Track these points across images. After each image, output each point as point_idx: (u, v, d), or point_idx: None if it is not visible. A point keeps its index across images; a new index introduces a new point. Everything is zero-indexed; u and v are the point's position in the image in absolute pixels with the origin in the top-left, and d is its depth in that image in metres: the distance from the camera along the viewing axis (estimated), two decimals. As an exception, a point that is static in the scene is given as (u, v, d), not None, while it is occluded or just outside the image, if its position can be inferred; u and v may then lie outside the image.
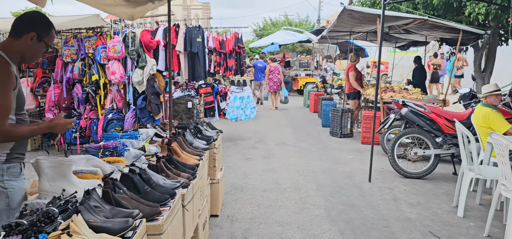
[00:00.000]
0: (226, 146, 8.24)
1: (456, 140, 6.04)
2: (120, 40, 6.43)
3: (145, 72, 6.26)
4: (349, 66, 9.90)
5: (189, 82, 7.45)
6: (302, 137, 9.33)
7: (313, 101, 13.99)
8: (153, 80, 6.48)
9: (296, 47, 29.81)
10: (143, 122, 6.34)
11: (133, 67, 6.45)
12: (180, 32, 6.85)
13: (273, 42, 20.04)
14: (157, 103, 6.41)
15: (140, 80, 6.29)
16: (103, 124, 6.57)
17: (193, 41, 6.83)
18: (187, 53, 6.92)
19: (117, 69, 6.43)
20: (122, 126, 6.57)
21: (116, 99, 6.81)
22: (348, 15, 8.24)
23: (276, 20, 41.07)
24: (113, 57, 6.40)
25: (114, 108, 6.73)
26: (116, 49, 6.40)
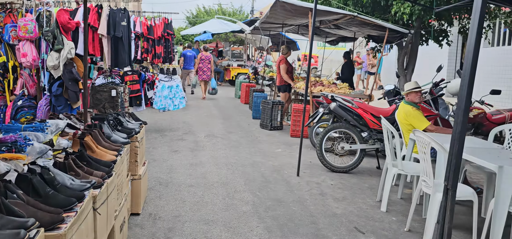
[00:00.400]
0: (152, 138, 7.85)
1: (381, 135, 6.22)
2: (33, 19, 5.77)
3: (62, 56, 5.69)
4: (280, 58, 9.89)
5: (112, 68, 6.94)
6: (232, 129, 9.18)
7: (244, 93, 13.90)
8: (71, 65, 5.92)
9: (229, 37, 29.61)
10: (58, 110, 5.78)
11: (48, 50, 5.85)
12: (103, 14, 6.33)
13: (206, 31, 19.64)
14: (75, 91, 5.87)
15: (56, 64, 5.71)
16: (12, 111, 5.90)
17: (117, 24, 6.35)
18: (111, 38, 6.41)
19: (29, 51, 5.77)
20: (35, 114, 5.94)
21: (27, 85, 6.14)
22: (281, 7, 8.19)
23: (210, 8, 40.53)
24: (25, 37, 5.73)
25: (25, 94, 6.07)
26: (28, 28, 5.74)
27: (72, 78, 5.81)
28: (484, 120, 7.31)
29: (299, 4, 7.91)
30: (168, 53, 8.22)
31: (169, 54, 8.23)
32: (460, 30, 10.35)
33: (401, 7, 8.17)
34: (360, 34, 10.80)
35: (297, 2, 8.01)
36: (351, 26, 9.38)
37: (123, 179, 3.43)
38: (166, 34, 8.08)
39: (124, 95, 6.60)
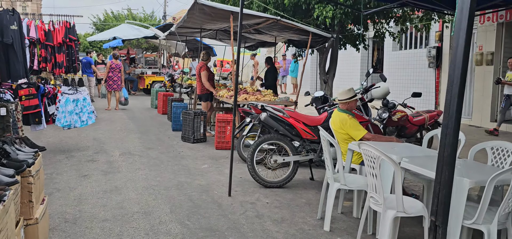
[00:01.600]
0: (56, 161, 6.76)
1: (314, 145, 5.89)
2: None
3: None
4: (200, 65, 9.26)
5: (3, 81, 5.77)
6: (151, 144, 8.33)
7: (161, 102, 13.00)
8: None
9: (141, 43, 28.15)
10: None
11: None
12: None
13: (115, 37, 18.26)
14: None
15: None
16: None
17: (4, 28, 5.26)
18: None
19: None
20: None
21: None
22: (200, 10, 7.57)
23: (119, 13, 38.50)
24: None
25: None
26: None
27: None
28: (407, 123, 7.38)
29: (219, 7, 7.36)
30: (72, 62, 7.15)
31: (73, 63, 7.16)
32: (376, 35, 10.58)
33: (323, 11, 8.00)
34: (281, 39, 10.56)
35: (218, 5, 7.46)
36: (273, 30, 9.06)
37: (9, 233, 2.57)
38: (68, 40, 7.01)
39: (16, 114, 5.50)
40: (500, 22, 10.54)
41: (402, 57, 14.45)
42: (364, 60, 16.89)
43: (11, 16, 5.43)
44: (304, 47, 10.41)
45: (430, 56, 12.52)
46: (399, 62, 14.53)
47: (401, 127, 7.38)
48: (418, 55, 13.56)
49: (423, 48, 13.45)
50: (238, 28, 5.43)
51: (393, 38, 10.86)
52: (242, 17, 5.67)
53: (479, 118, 10.98)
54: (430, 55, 12.51)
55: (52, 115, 7.35)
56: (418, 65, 13.44)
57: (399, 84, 14.16)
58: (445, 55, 12.25)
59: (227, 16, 7.59)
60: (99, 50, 34.91)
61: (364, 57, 16.77)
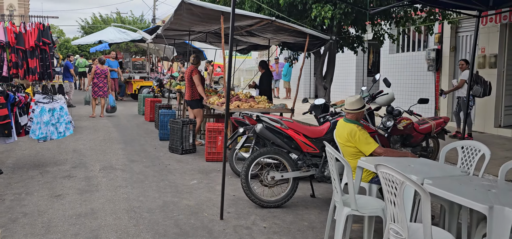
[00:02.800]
0: (28, 178, 6.07)
1: (316, 159, 5.30)
2: None
3: None
4: (191, 69, 8.62)
5: None
6: (135, 156, 7.66)
7: (148, 109, 12.33)
8: None
9: (130, 47, 27.39)
10: None
11: None
12: None
13: (101, 40, 17.54)
14: None
15: None
16: None
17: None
18: (-48, 49, 4.62)
19: None
20: None
21: None
22: (187, 10, 6.95)
23: (108, 17, 37.74)
24: None
25: None
26: None
27: None
28: (412, 131, 6.81)
29: (208, 6, 6.72)
30: (46, 68, 6.46)
31: (47, 69, 6.48)
32: (374, 36, 10.04)
33: (321, 11, 7.43)
34: (275, 42, 9.97)
35: (207, 5, 6.83)
36: (266, 32, 8.47)
37: None
38: (41, 44, 6.33)
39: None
40: (503, 23, 10.06)
41: (400, 60, 13.95)
42: (359, 64, 16.38)
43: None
44: (300, 50, 9.85)
45: (429, 59, 12.01)
46: (396, 65, 14.02)
47: (406, 136, 6.82)
48: (417, 58, 13.06)
49: (422, 50, 12.95)
50: (230, 30, 4.82)
51: (392, 40, 10.33)
52: (234, 17, 5.06)
53: (482, 124, 10.48)
54: (429, 58, 12.00)
55: (25, 126, 6.66)
56: (416, 68, 12.94)
57: (397, 89, 13.65)
58: (445, 58, 11.75)
59: (217, 17, 6.97)
60: (88, 55, 34.14)
61: (359, 60, 16.27)
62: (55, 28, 66.79)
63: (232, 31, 4.80)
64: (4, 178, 6.05)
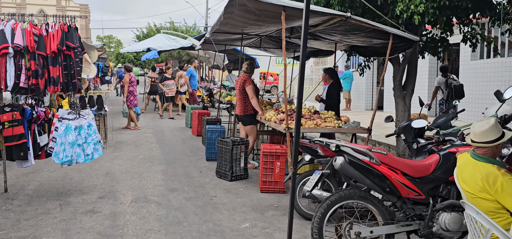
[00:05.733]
0: (44, 212, 4.93)
1: (420, 207, 3.70)
2: None
3: None
4: (243, 78, 7.29)
5: None
6: (176, 183, 6.39)
7: (196, 122, 11.14)
8: None
9: (181, 55, 26.78)
10: None
11: None
12: None
13: (150, 48, 16.74)
14: None
15: None
16: None
17: None
18: None
19: None
20: None
21: None
22: (240, 6, 5.58)
23: (161, 26, 37.65)
24: None
25: None
26: None
27: None
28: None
29: (267, 0, 5.30)
30: (71, 77, 5.34)
31: (72, 78, 5.34)
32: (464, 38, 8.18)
33: (410, 4, 5.79)
34: (342, 46, 8.40)
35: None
36: (335, 34, 6.95)
37: None
38: (65, 48, 5.22)
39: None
40: None
41: (483, 68, 11.86)
42: (432, 72, 14.38)
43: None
44: (373, 55, 8.20)
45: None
46: (479, 74, 11.95)
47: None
48: (506, 66, 10.96)
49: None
50: (302, 29, 3.40)
51: (487, 43, 8.41)
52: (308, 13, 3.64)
53: None
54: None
55: (46, 147, 5.57)
56: (506, 78, 10.84)
57: (479, 101, 11.59)
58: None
59: (277, 15, 5.57)
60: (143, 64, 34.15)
61: (432, 67, 14.29)
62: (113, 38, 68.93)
63: (306, 29, 3.36)
64: (16, 211, 4.95)
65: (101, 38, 66.25)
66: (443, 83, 9.88)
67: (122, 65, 13.66)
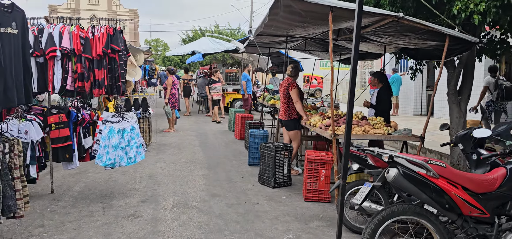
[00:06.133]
0: (87, 215, 4.94)
1: (484, 227, 3.34)
2: None
3: None
4: (287, 82, 7.08)
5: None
6: (218, 188, 6.27)
7: (239, 126, 11.03)
8: None
9: (226, 59, 26.91)
10: None
11: None
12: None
13: (194, 51, 16.89)
14: None
15: None
16: None
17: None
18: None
19: None
20: None
21: None
22: (285, 7, 5.38)
23: (206, 29, 38.14)
24: None
25: None
26: None
27: None
28: None
29: (313, 1, 5.06)
30: (115, 80, 5.35)
31: (117, 81, 5.36)
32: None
33: (470, 4, 5.35)
34: (392, 48, 7.99)
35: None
36: (385, 35, 6.58)
37: None
38: (109, 51, 5.25)
39: (12, 160, 3.70)
40: None
41: None
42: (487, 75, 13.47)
43: (6, 12, 3.71)
44: (426, 58, 7.74)
45: None
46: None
47: None
48: None
49: None
50: (354, 30, 3.15)
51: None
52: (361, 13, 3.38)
53: None
54: None
55: (90, 150, 5.62)
56: None
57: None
58: None
59: (324, 16, 5.33)
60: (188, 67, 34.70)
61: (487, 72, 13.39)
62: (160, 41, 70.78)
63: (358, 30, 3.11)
64: (60, 213, 4.99)
65: (148, 41, 68.27)
66: (492, 84, 9.40)
67: (166, 68, 13.84)
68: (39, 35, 5.26)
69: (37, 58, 5.25)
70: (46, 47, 5.20)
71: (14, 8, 3.81)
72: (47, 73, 5.30)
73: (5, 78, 3.60)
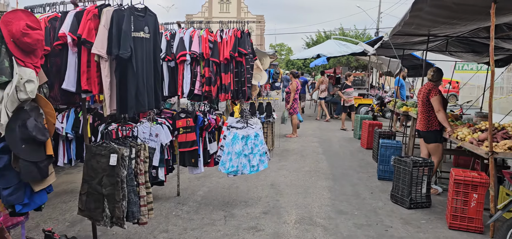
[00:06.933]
0: (208, 223, 4.82)
1: None
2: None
3: (7, 96, 3.03)
4: (428, 87, 6.20)
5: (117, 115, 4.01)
6: (344, 203, 5.70)
7: (366, 134, 10.23)
8: (35, 111, 3.24)
9: (351, 61, 25.95)
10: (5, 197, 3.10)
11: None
12: (102, 17, 3.54)
13: (319, 54, 16.43)
14: (35, 161, 3.13)
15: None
16: None
17: (124, 36, 3.49)
18: (113, 60, 3.57)
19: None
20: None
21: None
22: (432, 0, 4.60)
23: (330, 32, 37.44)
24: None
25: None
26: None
27: (26, 137, 3.08)
28: None
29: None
30: (241, 84, 5.16)
31: (243, 86, 5.16)
32: None
33: None
34: None
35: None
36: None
37: None
38: (236, 55, 5.07)
39: (138, 165, 3.68)
40: None
41: None
42: None
43: (139, 17, 3.70)
44: None
45: None
46: None
47: None
48: None
49: None
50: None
51: None
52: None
53: None
54: None
55: (214, 155, 5.53)
56: None
57: None
58: None
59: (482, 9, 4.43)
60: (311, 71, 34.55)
61: None
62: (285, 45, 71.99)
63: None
64: (184, 218, 4.97)
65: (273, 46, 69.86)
66: None
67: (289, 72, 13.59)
68: (171, 40, 5.33)
69: (168, 63, 5.33)
70: (177, 51, 5.24)
71: (146, 12, 3.80)
72: (177, 77, 5.35)
73: (137, 83, 3.59)
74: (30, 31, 3.11)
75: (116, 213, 3.47)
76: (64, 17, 3.62)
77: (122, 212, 3.49)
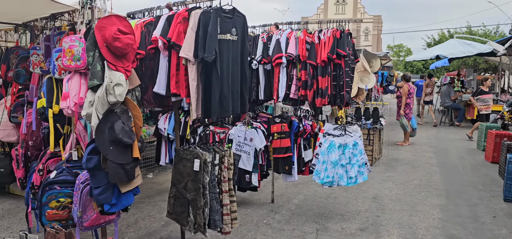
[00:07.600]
0: (299, 235, 4.54)
1: None
2: (81, 37, 3.45)
3: (98, 99, 3.14)
4: None
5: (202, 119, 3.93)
6: (458, 227, 4.95)
7: (492, 145, 8.93)
8: (125, 114, 3.32)
9: (479, 63, 23.30)
10: (96, 196, 3.22)
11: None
12: (190, 20, 3.49)
13: (439, 55, 14.97)
14: (122, 163, 3.20)
15: (89, 113, 3.20)
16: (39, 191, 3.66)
17: (211, 39, 3.38)
18: (200, 63, 3.49)
19: (74, 89, 3.44)
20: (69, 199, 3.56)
21: (82, 142, 3.88)
22: None
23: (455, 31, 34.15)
24: (71, 67, 3.44)
25: (72, 158, 3.78)
26: (74, 52, 3.44)
27: (114, 139, 3.16)
28: None
29: None
30: (339, 89, 4.76)
31: (341, 90, 4.75)
32: None
33: None
34: None
35: None
36: None
37: None
38: (334, 57, 4.69)
39: (222, 172, 3.55)
40: None
41: None
42: None
43: (227, 18, 3.56)
44: None
45: None
46: None
47: None
48: None
49: None
50: None
51: None
52: None
53: None
54: None
55: (309, 164, 5.23)
56: None
57: None
58: None
59: None
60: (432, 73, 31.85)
61: None
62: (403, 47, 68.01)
63: None
64: (274, 228, 4.76)
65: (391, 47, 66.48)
66: None
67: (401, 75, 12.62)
68: (268, 42, 5.18)
69: (264, 66, 5.19)
70: (273, 54, 5.07)
71: (235, 13, 3.67)
72: (272, 81, 5.18)
73: (222, 87, 3.48)
74: (121, 36, 3.19)
75: (198, 219, 3.40)
76: (158, 21, 3.67)
77: (204, 219, 3.42)
